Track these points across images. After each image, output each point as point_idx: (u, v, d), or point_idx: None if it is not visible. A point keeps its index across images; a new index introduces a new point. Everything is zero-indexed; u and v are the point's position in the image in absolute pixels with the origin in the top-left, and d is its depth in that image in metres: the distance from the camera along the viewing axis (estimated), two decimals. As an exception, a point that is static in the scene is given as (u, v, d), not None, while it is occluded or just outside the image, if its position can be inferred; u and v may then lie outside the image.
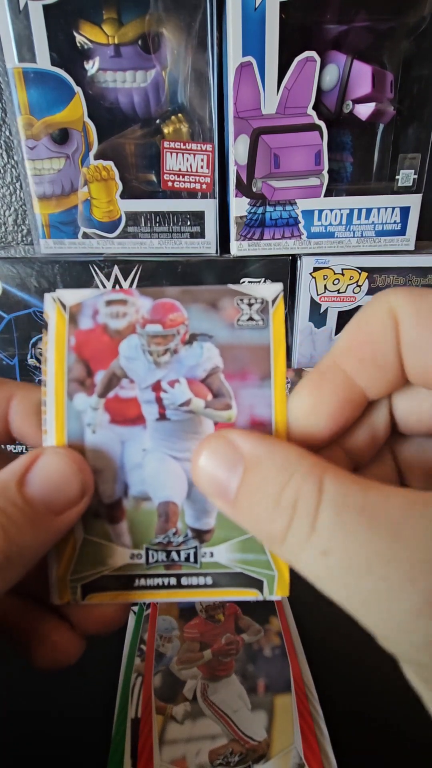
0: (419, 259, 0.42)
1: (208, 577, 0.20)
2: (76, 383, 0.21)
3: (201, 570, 0.20)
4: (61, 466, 0.18)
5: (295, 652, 0.37)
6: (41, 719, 0.35)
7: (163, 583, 0.20)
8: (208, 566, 0.20)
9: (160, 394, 0.21)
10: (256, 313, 0.19)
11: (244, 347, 0.20)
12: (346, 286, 0.43)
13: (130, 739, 0.32)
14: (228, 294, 0.19)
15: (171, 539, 0.20)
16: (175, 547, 0.20)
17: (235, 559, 0.20)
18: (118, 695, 0.35)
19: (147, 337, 0.21)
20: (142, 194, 0.41)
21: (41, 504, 0.18)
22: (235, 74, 0.36)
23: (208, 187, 0.40)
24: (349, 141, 0.41)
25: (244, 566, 0.20)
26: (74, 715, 0.35)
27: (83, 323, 0.21)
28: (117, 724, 0.33)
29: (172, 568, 0.20)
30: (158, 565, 0.20)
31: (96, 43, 0.37)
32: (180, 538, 0.20)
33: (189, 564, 0.20)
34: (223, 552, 0.20)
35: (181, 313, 0.21)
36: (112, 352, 0.20)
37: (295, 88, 0.37)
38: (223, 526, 0.20)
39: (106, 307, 0.21)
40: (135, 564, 0.20)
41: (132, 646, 0.38)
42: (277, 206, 0.40)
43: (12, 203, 0.49)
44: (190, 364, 0.21)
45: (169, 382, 0.21)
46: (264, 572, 0.19)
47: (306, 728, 0.32)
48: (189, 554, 0.20)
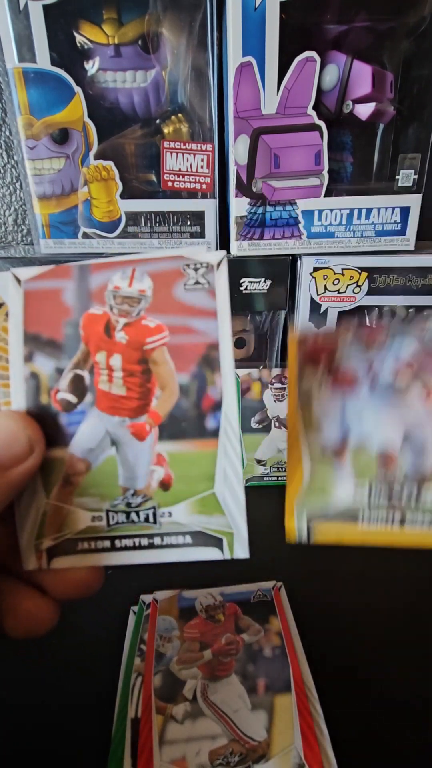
0: (419, 259, 0.42)
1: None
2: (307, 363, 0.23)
3: (161, 530, 0.20)
4: (8, 425, 0.19)
5: (295, 652, 0.37)
6: (41, 718, 0.35)
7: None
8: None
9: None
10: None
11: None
12: (346, 286, 0.43)
13: (130, 739, 0.32)
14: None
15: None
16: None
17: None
18: (118, 695, 0.35)
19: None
20: (142, 194, 0.41)
21: None
22: (235, 74, 0.36)
23: (208, 187, 0.40)
24: (349, 141, 0.41)
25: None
26: (75, 715, 0.35)
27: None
28: (117, 723, 0.33)
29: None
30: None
31: (96, 43, 0.37)
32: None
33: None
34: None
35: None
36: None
37: (295, 88, 0.37)
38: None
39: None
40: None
41: (132, 646, 0.38)
42: (277, 206, 0.41)
43: (12, 203, 0.49)
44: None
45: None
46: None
47: (306, 728, 0.32)
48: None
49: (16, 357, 0.20)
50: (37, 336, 0.20)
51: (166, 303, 0.20)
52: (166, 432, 0.20)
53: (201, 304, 0.20)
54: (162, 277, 0.20)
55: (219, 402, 0.20)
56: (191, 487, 0.20)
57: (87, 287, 0.20)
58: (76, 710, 0.35)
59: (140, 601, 0.42)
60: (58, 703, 0.35)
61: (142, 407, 0.20)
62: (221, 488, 0.20)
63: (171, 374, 0.20)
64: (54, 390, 0.20)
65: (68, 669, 0.37)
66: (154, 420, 0.20)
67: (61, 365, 0.20)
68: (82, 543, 0.20)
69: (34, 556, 0.20)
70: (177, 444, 0.20)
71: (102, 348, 0.20)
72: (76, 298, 0.20)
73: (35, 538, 0.20)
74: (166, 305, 0.20)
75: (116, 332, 0.20)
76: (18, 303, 0.20)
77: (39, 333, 0.20)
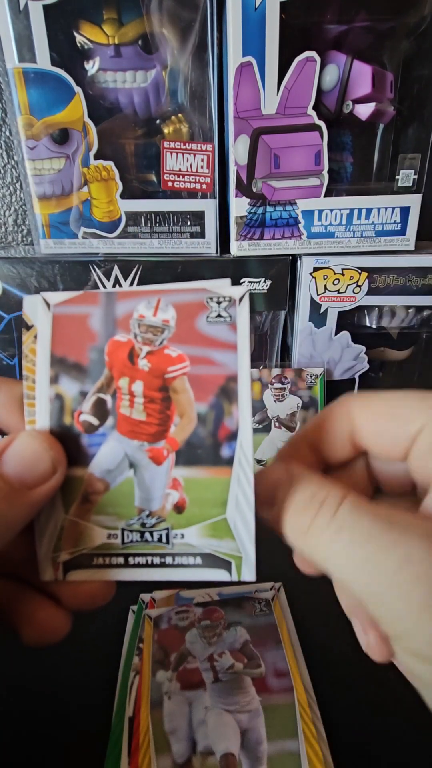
0: (419, 259, 0.42)
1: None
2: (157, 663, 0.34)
3: (172, 550, 0.21)
4: (33, 446, 0.20)
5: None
6: (41, 716, 0.35)
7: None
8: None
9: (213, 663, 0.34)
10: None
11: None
12: (346, 286, 0.43)
13: (128, 737, 0.32)
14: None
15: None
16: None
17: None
18: (116, 693, 0.35)
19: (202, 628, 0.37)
20: (142, 194, 0.41)
21: (15, 479, 0.19)
22: (235, 74, 0.36)
23: (208, 187, 0.40)
24: (349, 141, 0.41)
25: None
26: (74, 713, 0.35)
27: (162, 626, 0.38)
28: (115, 721, 0.33)
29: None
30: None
31: (96, 43, 0.37)
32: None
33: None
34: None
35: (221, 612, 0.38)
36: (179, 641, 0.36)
37: (295, 88, 0.37)
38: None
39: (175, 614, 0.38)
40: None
41: (131, 644, 0.38)
42: (277, 206, 0.41)
43: (12, 203, 0.49)
44: (230, 641, 0.36)
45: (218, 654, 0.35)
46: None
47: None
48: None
49: (42, 378, 0.21)
50: (64, 359, 0.21)
51: (189, 334, 0.20)
52: (183, 458, 0.21)
53: (222, 336, 0.20)
54: (185, 308, 0.21)
55: (235, 432, 0.20)
56: (204, 511, 0.21)
57: (113, 314, 0.21)
58: (75, 708, 0.35)
59: (139, 600, 0.42)
60: (57, 701, 0.36)
61: (161, 433, 0.21)
62: (233, 514, 0.20)
63: (190, 403, 0.20)
64: (77, 412, 0.21)
65: (68, 667, 0.37)
66: (171, 446, 0.21)
67: (85, 388, 0.21)
68: (97, 558, 0.21)
69: (50, 568, 0.21)
70: (192, 470, 0.21)
71: (125, 374, 0.21)
72: (102, 324, 0.21)
73: (53, 550, 0.21)
74: (189, 336, 0.20)
75: (139, 359, 0.21)
76: (47, 326, 0.21)
77: (65, 356, 0.21)
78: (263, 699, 0.33)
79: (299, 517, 0.19)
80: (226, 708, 0.32)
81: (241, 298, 0.20)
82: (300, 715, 0.32)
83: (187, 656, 0.35)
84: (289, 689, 0.34)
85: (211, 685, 0.33)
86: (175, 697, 0.33)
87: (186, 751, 0.30)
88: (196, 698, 0.33)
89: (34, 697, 0.36)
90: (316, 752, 0.30)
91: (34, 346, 0.21)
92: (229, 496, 0.20)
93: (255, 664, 0.35)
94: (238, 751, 0.30)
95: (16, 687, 0.37)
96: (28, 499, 0.19)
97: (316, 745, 0.31)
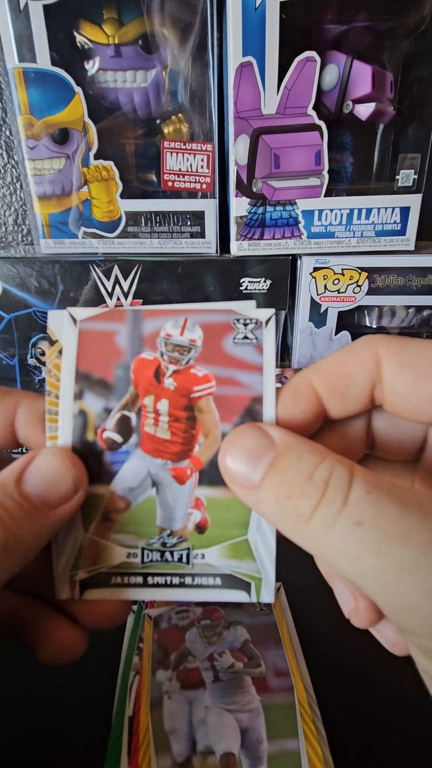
0: (419, 259, 0.42)
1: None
2: (157, 663, 0.35)
3: (192, 570, 0.21)
4: (55, 464, 0.19)
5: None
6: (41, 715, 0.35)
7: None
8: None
9: (213, 663, 0.34)
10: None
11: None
12: (346, 286, 0.43)
13: (128, 737, 0.32)
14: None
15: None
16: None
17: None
18: (116, 693, 0.35)
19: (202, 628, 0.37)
20: (142, 194, 0.41)
21: (37, 499, 0.19)
22: (235, 74, 0.36)
23: (208, 187, 0.40)
24: (349, 141, 0.41)
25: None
26: (74, 712, 0.35)
27: (162, 625, 0.38)
28: (115, 721, 0.33)
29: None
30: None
31: (96, 43, 0.37)
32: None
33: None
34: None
35: (221, 612, 0.38)
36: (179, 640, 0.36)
37: (295, 88, 0.37)
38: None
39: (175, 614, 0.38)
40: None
41: (130, 644, 0.38)
42: (277, 206, 0.40)
43: (12, 203, 0.49)
44: (230, 641, 0.36)
45: (218, 654, 0.35)
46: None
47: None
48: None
49: (66, 393, 0.21)
50: (89, 375, 0.21)
51: (215, 354, 0.21)
52: (206, 478, 0.21)
53: (248, 358, 0.20)
54: (212, 329, 0.21)
55: None
56: (225, 532, 0.20)
57: (140, 332, 0.21)
58: (75, 708, 0.35)
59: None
60: (57, 701, 0.36)
61: (185, 452, 0.21)
62: (254, 536, 0.20)
63: (215, 423, 0.20)
64: (101, 429, 0.21)
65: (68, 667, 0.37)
66: (195, 465, 0.21)
67: (110, 405, 0.21)
68: (116, 577, 0.21)
69: (67, 586, 0.21)
70: (215, 490, 0.20)
71: (150, 392, 0.21)
72: (129, 341, 0.21)
73: (70, 569, 0.21)
74: (215, 356, 0.21)
75: (165, 378, 0.21)
76: (72, 341, 0.21)
77: (90, 372, 0.21)
78: (263, 698, 0.33)
79: (295, 501, 0.16)
80: (226, 707, 0.32)
81: (267, 321, 0.21)
82: (300, 715, 0.32)
83: (187, 656, 0.35)
84: (289, 689, 0.34)
85: (211, 684, 0.33)
86: (175, 696, 0.33)
87: (186, 751, 0.30)
88: (196, 698, 0.33)
89: (35, 696, 0.36)
90: (316, 752, 0.30)
91: (58, 362, 0.21)
92: (251, 517, 0.20)
93: (255, 664, 0.35)
94: (238, 750, 0.30)
95: (16, 687, 0.37)
96: (50, 519, 0.19)
97: (316, 745, 0.31)
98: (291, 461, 0.17)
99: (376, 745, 0.33)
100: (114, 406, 0.21)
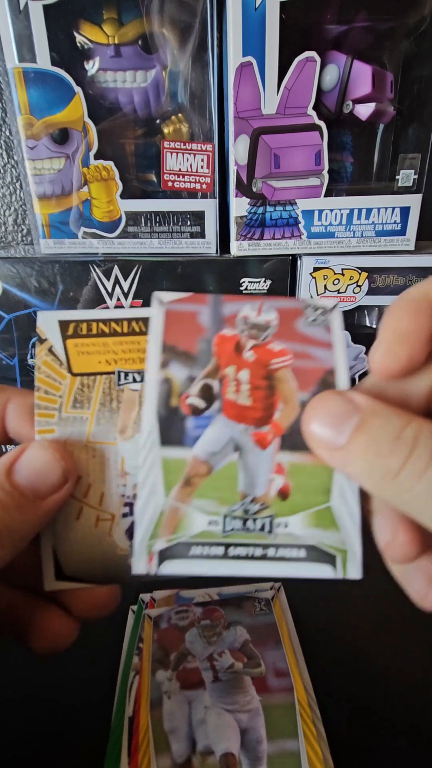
0: (419, 259, 0.42)
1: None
2: (157, 663, 0.35)
3: (275, 541, 0.20)
4: (45, 456, 0.20)
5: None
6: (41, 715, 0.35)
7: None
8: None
9: (213, 663, 0.34)
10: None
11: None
12: (346, 286, 0.43)
13: (128, 737, 0.32)
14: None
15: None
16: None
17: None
18: (116, 693, 0.35)
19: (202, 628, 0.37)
20: (142, 194, 0.41)
21: (28, 489, 0.20)
22: (235, 74, 0.36)
23: (208, 187, 0.40)
24: (349, 141, 0.41)
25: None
26: (74, 712, 0.35)
27: (162, 625, 0.38)
28: (115, 721, 0.33)
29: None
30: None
31: (96, 43, 0.37)
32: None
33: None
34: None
35: (221, 612, 0.38)
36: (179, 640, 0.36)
37: (295, 88, 0.37)
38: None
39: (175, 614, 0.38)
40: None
41: (130, 644, 0.38)
42: (277, 206, 0.40)
43: (12, 203, 0.49)
44: (230, 641, 0.36)
45: (218, 654, 0.35)
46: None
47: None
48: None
49: (153, 363, 0.21)
50: (174, 347, 0.22)
51: (289, 333, 0.22)
52: (287, 443, 0.21)
53: (319, 336, 0.22)
54: (285, 312, 0.22)
55: None
56: (308, 498, 0.20)
57: (220, 313, 0.22)
58: (75, 708, 0.35)
59: (139, 599, 0.42)
60: (57, 701, 0.36)
61: (266, 418, 0.21)
62: (337, 503, 0.20)
63: (293, 391, 0.21)
64: (184, 395, 0.21)
65: (68, 667, 0.37)
66: (276, 431, 0.21)
67: (193, 374, 0.22)
68: (196, 547, 0.21)
69: (144, 558, 0.20)
70: (297, 455, 0.21)
71: (232, 363, 0.22)
72: (210, 320, 0.22)
73: (149, 538, 0.20)
74: (289, 335, 0.22)
75: (245, 351, 0.22)
76: (159, 318, 0.22)
77: (175, 345, 0.22)
78: (263, 698, 0.33)
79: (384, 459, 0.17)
80: (225, 707, 0.32)
81: (333, 307, 0.22)
82: (300, 715, 0.32)
83: (186, 656, 0.35)
84: (289, 689, 0.34)
85: (210, 684, 0.33)
86: (175, 696, 0.33)
87: (186, 751, 0.30)
88: (196, 698, 0.33)
89: (35, 696, 0.36)
90: (316, 752, 0.30)
91: (47, 359, 0.22)
92: (333, 483, 0.20)
93: (255, 664, 0.35)
94: (238, 750, 0.30)
95: (16, 687, 0.37)
96: (40, 509, 0.20)
97: (316, 745, 0.31)
98: (379, 423, 0.17)
99: (375, 745, 0.33)
100: (197, 375, 0.21)
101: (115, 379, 0.22)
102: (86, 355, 0.22)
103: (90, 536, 0.21)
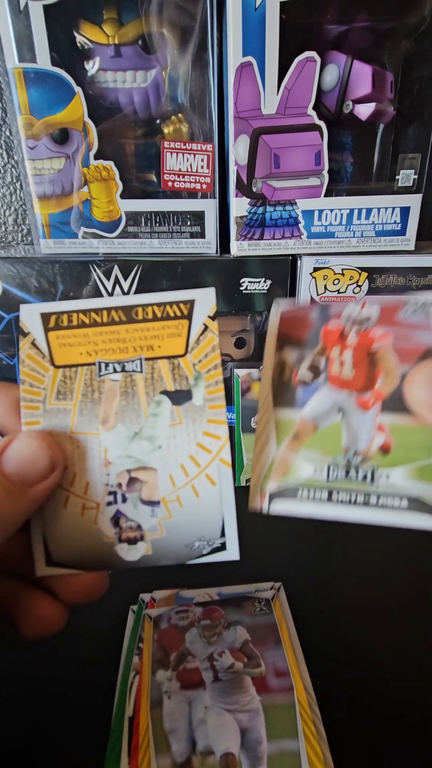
0: (419, 259, 0.42)
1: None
2: (157, 663, 0.35)
3: (378, 490, 0.22)
4: (32, 446, 0.21)
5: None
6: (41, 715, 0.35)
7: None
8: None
9: (213, 663, 0.34)
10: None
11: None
12: (346, 286, 0.43)
13: (128, 737, 0.32)
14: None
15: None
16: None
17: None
18: (116, 693, 0.35)
19: (202, 628, 0.37)
20: (142, 194, 0.41)
21: (16, 477, 0.20)
22: (235, 74, 0.36)
23: (208, 187, 0.40)
24: (349, 141, 0.41)
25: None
26: (74, 712, 0.35)
27: (162, 625, 0.38)
28: (115, 721, 0.33)
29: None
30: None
31: (96, 43, 0.37)
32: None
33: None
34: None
35: (221, 612, 0.38)
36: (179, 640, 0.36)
37: (295, 88, 0.37)
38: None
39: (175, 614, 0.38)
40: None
41: (130, 644, 0.38)
42: (277, 206, 0.40)
43: (12, 203, 0.49)
44: (230, 641, 0.36)
45: (218, 653, 0.35)
46: None
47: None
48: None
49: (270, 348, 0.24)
50: (287, 335, 0.25)
51: (391, 320, 0.23)
52: (389, 407, 0.23)
53: (420, 321, 0.23)
54: (387, 306, 0.24)
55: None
56: (411, 454, 0.22)
57: (327, 312, 0.25)
58: (75, 708, 0.35)
59: (139, 599, 0.42)
60: (57, 701, 0.36)
61: (368, 386, 0.23)
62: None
63: (395, 364, 0.23)
64: (295, 370, 0.24)
65: (68, 667, 0.37)
66: (377, 397, 0.23)
67: (303, 354, 0.24)
68: (302, 490, 0.23)
69: (258, 496, 0.23)
70: (398, 417, 0.22)
71: (337, 345, 0.24)
72: (318, 317, 0.25)
73: (262, 480, 0.23)
74: (391, 322, 0.23)
75: (349, 336, 0.24)
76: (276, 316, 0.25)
77: (288, 333, 0.25)
78: (263, 698, 0.33)
79: None
80: (226, 707, 0.32)
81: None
82: (300, 715, 0.32)
83: (186, 656, 0.35)
84: (289, 689, 0.34)
85: (210, 684, 0.33)
86: (175, 696, 0.33)
87: (186, 751, 0.30)
88: (196, 698, 0.33)
89: (35, 696, 0.36)
90: (316, 752, 0.30)
91: (31, 352, 0.23)
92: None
93: (255, 664, 0.35)
94: (238, 750, 0.30)
95: (16, 686, 0.37)
96: (29, 496, 0.20)
97: (316, 745, 0.31)
98: None
99: (375, 745, 0.33)
100: (306, 354, 0.24)
101: (96, 370, 0.22)
102: (67, 347, 0.23)
103: (77, 524, 0.22)
